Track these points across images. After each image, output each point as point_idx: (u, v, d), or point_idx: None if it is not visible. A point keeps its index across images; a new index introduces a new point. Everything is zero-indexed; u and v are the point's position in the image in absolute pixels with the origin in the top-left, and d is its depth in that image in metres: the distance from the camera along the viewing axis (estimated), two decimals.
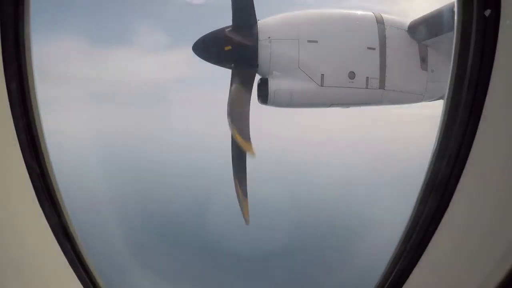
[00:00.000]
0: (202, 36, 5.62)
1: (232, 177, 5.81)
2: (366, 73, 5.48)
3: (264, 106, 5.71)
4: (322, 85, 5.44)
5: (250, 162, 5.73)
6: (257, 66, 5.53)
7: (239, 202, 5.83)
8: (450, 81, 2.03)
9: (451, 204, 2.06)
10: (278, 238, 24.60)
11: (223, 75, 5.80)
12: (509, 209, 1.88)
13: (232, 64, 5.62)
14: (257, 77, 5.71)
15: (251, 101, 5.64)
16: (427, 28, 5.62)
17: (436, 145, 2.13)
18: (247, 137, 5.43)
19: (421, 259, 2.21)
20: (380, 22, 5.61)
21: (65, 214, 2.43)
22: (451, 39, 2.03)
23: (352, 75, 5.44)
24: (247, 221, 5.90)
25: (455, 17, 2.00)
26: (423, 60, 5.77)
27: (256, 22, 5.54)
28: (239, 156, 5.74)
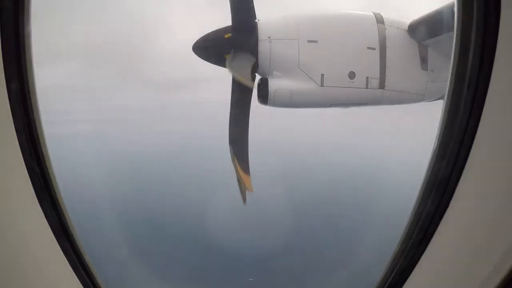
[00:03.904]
0: (202, 36, 5.62)
1: (230, 156, 5.68)
2: (366, 73, 5.49)
3: (263, 106, 5.70)
4: (322, 85, 5.45)
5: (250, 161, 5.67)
6: (257, 66, 5.53)
7: (238, 181, 5.69)
8: (450, 81, 2.03)
9: (451, 204, 2.06)
10: (278, 237, 24.59)
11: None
12: (509, 209, 1.88)
13: None
14: (257, 77, 5.71)
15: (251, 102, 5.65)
16: (427, 28, 5.62)
17: (436, 145, 2.13)
18: (246, 170, 5.45)
19: (421, 259, 2.21)
20: (380, 22, 5.61)
21: (65, 214, 2.43)
22: (451, 39, 2.03)
23: (352, 75, 5.44)
24: (250, 190, 5.69)
25: (455, 17, 1.99)
26: (423, 60, 5.77)
27: (256, 22, 5.54)
28: (239, 130, 5.67)
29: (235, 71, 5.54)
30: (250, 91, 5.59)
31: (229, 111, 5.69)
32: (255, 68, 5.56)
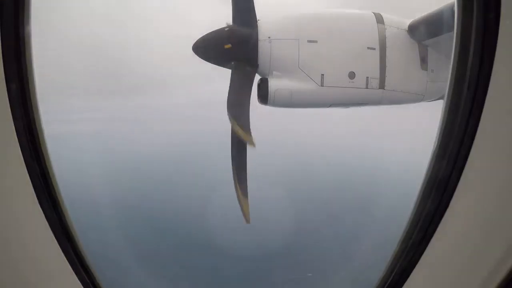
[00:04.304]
0: (202, 36, 5.62)
1: (232, 177, 5.80)
2: (366, 73, 5.49)
3: (264, 106, 5.71)
4: (322, 85, 5.44)
5: (250, 161, 5.71)
6: (257, 66, 5.53)
7: (239, 201, 5.82)
8: (450, 81, 2.03)
9: (451, 204, 2.06)
10: (278, 237, 24.61)
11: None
12: (509, 209, 1.88)
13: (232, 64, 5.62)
14: (257, 77, 5.71)
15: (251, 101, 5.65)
16: (427, 28, 5.62)
17: (436, 145, 2.13)
18: (247, 129, 5.42)
19: (421, 259, 2.21)
20: (380, 22, 5.61)
21: (65, 214, 2.43)
22: (451, 39, 2.03)
23: (352, 75, 5.44)
24: (247, 220, 5.88)
25: (455, 17, 2.00)
26: (423, 60, 5.77)
27: (256, 22, 5.54)
28: (239, 155, 5.72)
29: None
30: (249, 90, 5.58)
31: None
32: (255, 71, 5.56)
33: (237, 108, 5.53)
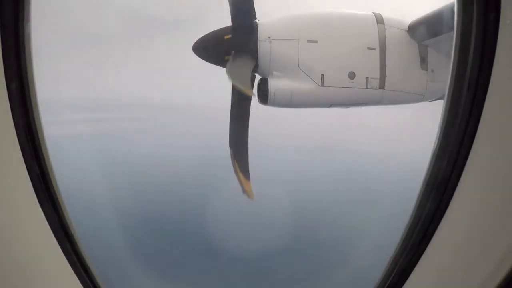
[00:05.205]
0: (202, 36, 5.63)
1: (230, 159, 5.69)
2: (366, 73, 5.49)
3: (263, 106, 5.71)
4: (322, 85, 5.45)
5: (251, 146, 5.67)
6: (257, 66, 5.54)
7: (239, 181, 5.68)
8: (450, 81, 2.03)
9: (451, 204, 2.06)
10: (278, 237, 24.61)
11: None
12: (509, 209, 1.88)
13: None
14: (257, 77, 5.72)
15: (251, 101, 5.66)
16: (427, 28, 5.62)
17: (436, 145, 2.13)
18: (246, 175, 5.48)
19: (421, 259, 2.21)
20: (380, 22, 5.62)
21: (65, 214, 2.43)
22: (451, 39, 2.03)
23: (352, 75, 5.44)
24: (250, 195, 5.68)
25: (455, 17, 2.00)
26: (423, 60, 5.77)
27: (256, 22, 5.55)
28: (239, 133, 5.68)
29: (235, 76, 5.51)
30: (249, 98, 5.58)
31: (229, 116, 5.72)
32: (255, 71, 5.56)
33: (239, 147, 5.61)
